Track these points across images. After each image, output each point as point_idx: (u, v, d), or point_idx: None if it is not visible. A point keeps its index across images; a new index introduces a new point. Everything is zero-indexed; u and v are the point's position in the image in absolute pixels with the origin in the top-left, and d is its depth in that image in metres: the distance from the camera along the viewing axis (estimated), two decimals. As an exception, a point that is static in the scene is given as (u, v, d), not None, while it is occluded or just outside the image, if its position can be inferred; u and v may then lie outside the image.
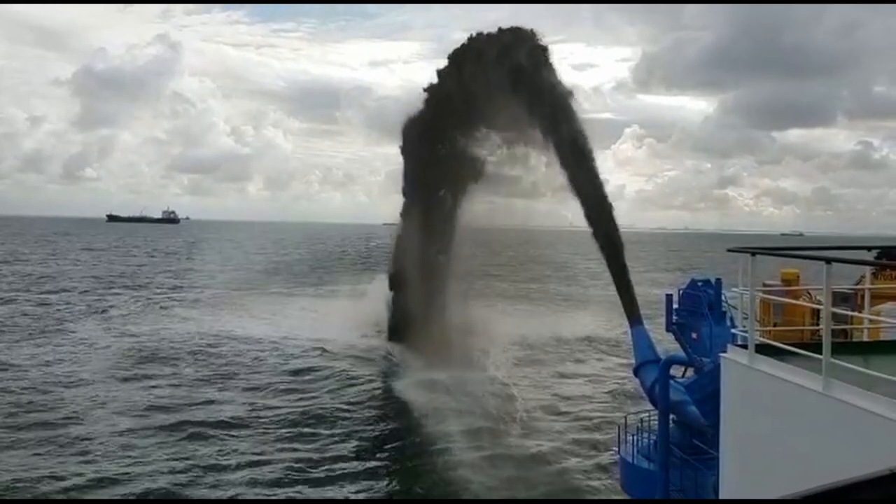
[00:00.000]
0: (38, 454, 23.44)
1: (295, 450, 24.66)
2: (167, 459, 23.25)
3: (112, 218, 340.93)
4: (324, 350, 39.85)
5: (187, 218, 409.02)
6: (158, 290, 67.96)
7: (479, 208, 40.81)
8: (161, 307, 56.64)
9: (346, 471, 23.02)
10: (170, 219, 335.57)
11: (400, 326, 40.84)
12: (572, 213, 29.52)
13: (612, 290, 23.72)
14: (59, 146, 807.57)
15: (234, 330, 45.52)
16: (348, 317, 47.75)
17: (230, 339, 42.77)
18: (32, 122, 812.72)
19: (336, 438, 26.03)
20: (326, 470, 23.01)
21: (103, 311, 53.53)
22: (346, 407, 30.01)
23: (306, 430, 26.83)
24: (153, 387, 31.84)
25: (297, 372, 35.36)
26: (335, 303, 56.98)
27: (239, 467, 22.85)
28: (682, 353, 16.56)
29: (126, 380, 32.85)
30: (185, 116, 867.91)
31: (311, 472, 22.72)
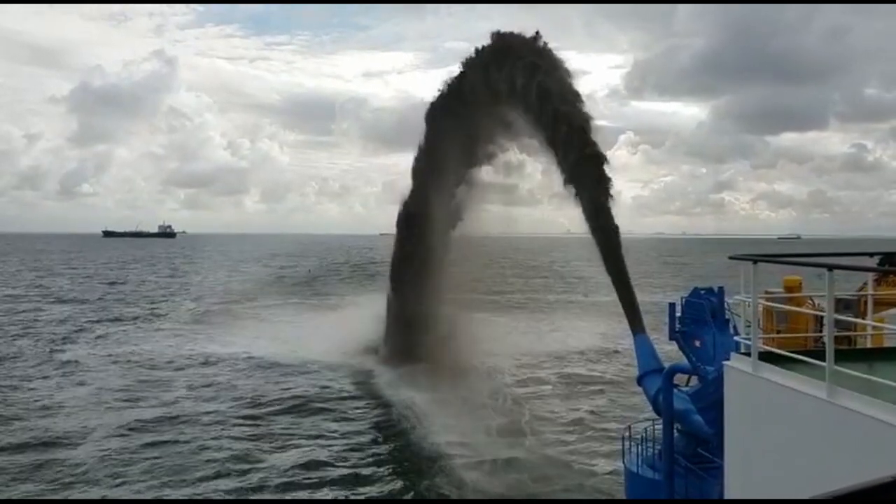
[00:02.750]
0: (29, 463, 23.59)
1: (290, 454, 24.86)
2: (158, 466, 23.50)
3: (108, 233, 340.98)
4: (317, 363, 39.77)
5: (184, 232, 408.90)
6: (151, 307, 67.39)
7: (476, 217, 40.66)
8: (153, 324, 56.32)
9: (342, 472, 23.18)
10: (166, 233, 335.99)
11: (397, 338, 40.48)
12: (569, 220, 28.98)
13: (613, 297, 23.65)
14: (56, 162, 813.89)
15: (225, 346, 45.10)
16: (343, 330, 47.32)
17: (220, 354, 42.33)
18: (29, 140, 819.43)
19: (330, 442, 26.32)
20: (322, 471, 23.23)
21: (94, 329, 52.91)
22: (339, 412, 30.26)
23: (300, 436, 27.08)
24: (142, 402, 31.76)
25: (289, 384, 35.20)
26: (329, 316, 56.89)
27: (235, 472, 23.05)
28: (685, 362, 16.54)
29: (116, 398, 32.50)
30: (181, 131, 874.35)
31: (308, 474, 22.89)
